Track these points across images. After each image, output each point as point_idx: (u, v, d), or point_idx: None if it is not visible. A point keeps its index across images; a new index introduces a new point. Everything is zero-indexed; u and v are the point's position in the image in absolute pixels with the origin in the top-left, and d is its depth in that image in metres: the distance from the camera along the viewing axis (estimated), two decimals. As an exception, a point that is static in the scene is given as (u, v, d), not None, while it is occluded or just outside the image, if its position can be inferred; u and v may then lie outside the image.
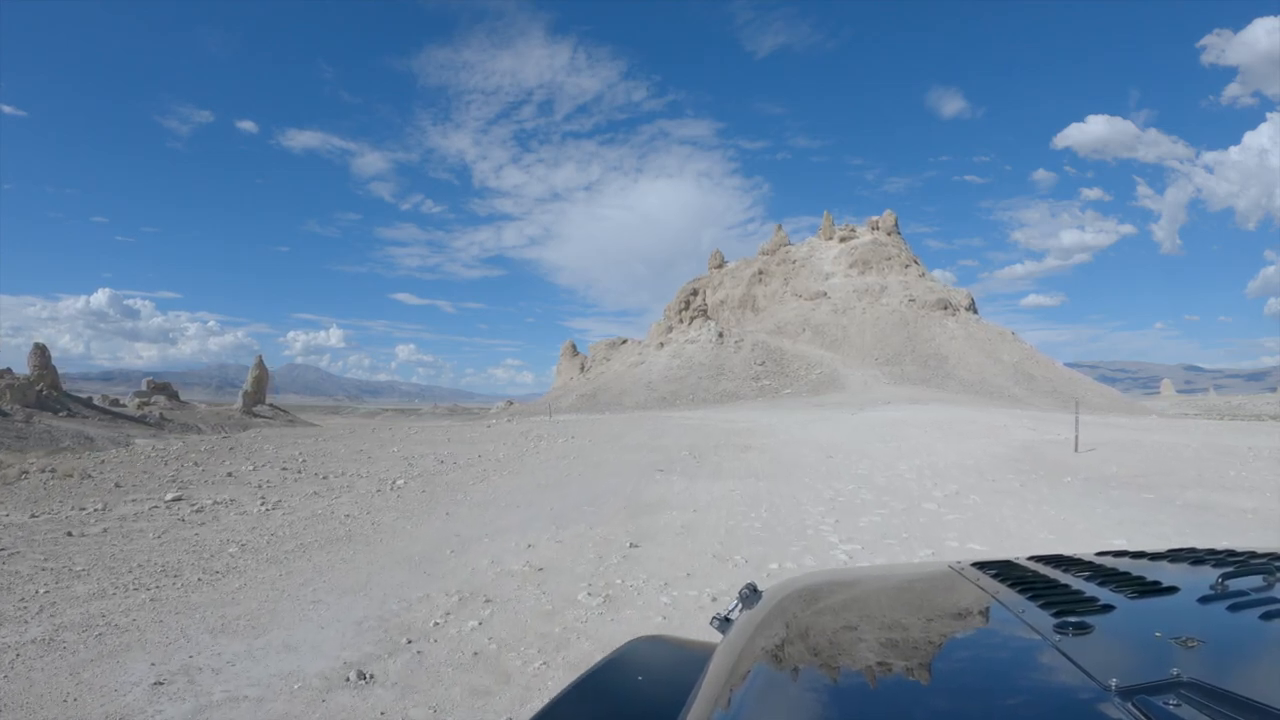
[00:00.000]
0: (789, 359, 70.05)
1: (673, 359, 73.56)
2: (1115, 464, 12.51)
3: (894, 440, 19.90)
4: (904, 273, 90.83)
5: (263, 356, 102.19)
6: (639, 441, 20.80)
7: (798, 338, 78.48)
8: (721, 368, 69.25)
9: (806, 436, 21.83)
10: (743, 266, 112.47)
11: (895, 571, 1.57)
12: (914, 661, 0.92)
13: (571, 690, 1.23)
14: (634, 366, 75.76)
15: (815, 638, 1.10)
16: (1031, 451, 16.00)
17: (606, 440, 21.55)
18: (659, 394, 66.08)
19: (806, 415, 35.39)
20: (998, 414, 31.91)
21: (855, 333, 76.77)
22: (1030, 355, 75.02)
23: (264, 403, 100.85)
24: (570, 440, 21.60)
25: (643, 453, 17.20)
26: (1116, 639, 0.83)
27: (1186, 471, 11.26)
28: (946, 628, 1.08)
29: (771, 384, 64.72)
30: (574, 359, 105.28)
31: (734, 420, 33.52)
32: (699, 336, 76.34)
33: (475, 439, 22.53)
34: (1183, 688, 0.66)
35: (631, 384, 70.48)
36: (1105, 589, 0.99)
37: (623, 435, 23.72)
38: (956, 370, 66.41)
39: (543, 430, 27.18)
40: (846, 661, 0.95)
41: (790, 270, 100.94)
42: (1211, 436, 17.69)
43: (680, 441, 20.10)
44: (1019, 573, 1.14)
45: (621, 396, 67.85)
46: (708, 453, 16.84)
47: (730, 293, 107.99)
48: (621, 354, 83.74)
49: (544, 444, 20.42)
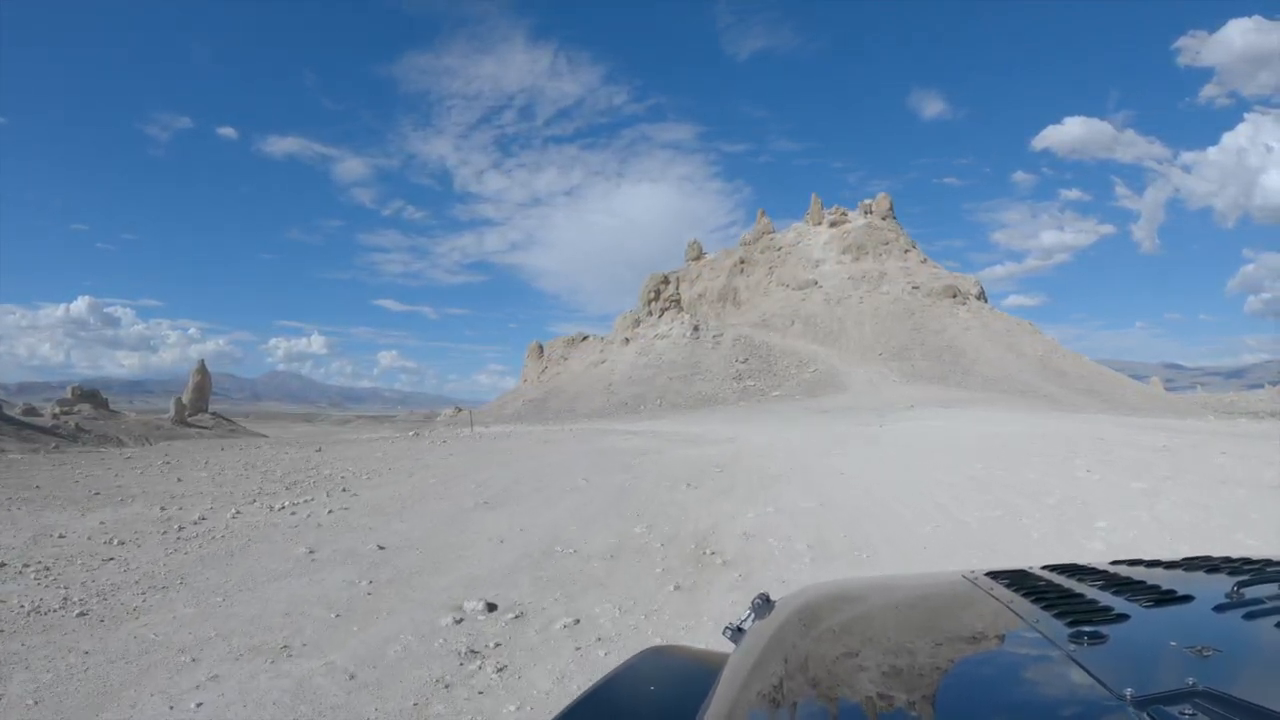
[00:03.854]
0: (777, 355, 58.97)
1: (639, 357, 62.15)
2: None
3: (1027, 491, 8.39)
4: (904, 258, 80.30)
5: (205, 361, 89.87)
6: (490, 493, 9.54)
7: (786, 331, 67.46)
8: (697, 366, 57.96)
9: (847, 485, 10.33)
10: (723, 257, 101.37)
11: (908, 581, 1.51)
12: (928, 671, 0.92)
13: (583, 701, 1.21)
14: (594, 366, 64.26)
15: (828, 647, 1.09)
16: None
17: (420, 497, 10.05)
18: (620, 398, 54.62)
19: (812, 428, 24.19)
20: (1074, 421, 20.95)
21: (853, 325, 65.91)
22: (1054, 348, 64.71)
23: (205, 411, 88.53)
24: (356, 489, 9.98)
25: (407, 554, 5.55)
26: (1132, 648, 0.82)
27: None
28: (960, 637, 1.08)
29: (757, 385, 53.51)
30: (539, 360, 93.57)
31: (708, 435, 22.22)
32: (670, 331, 65.03)
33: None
34: (1198, 697, 0.65)
35: (589, 386, 58.98)
36: (1120, 598, 0.97)
37: (477, 476, 12.06)
38: (975, 365, 55.76)
39: (383, 460, 15.45)
40: (860, 671, 0.94)
41: (775, 258, 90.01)
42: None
43: (575, 509, 8.57)
44: (1033, 582, 1.12)
45: (575, 402, 56.30)
46: (627, 563, 5.03)
47: (709, 285, 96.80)
48: (581, 352, 72.21)
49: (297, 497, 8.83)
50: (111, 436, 65.34)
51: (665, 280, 72.14)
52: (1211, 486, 8.37)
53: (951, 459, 13.31)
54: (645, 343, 65.02)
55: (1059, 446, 14.11)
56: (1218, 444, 12.22)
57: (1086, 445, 14.06)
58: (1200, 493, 8.08)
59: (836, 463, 13.61)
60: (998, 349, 59.67)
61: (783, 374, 55.53)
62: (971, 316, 66.32)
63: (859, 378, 52.50)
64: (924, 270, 77.48)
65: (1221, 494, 7.95)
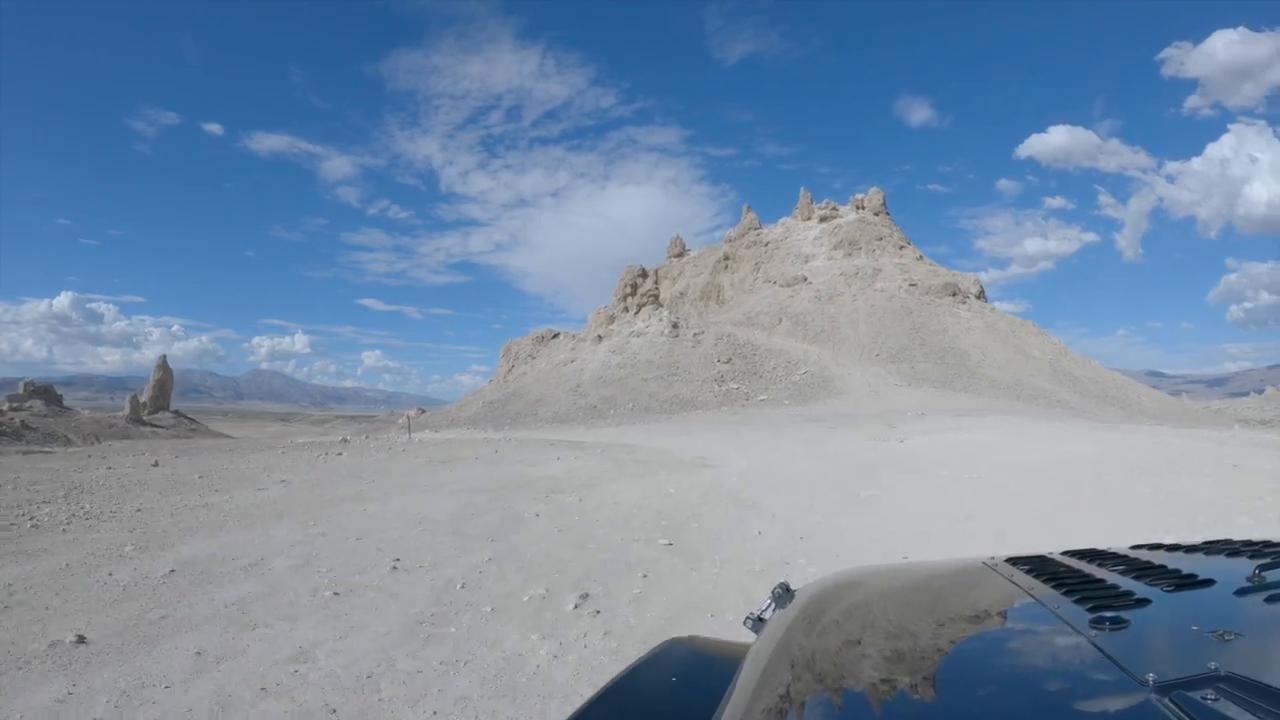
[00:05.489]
0: (763, 355, 53.33)
1: (612, 355, 56.24)
2: None
3: None
4: (899, 254, 75.10)
5: (167, 357, 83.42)
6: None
7: (773, 330, 61.87)
8: (675, 366, 52.16)
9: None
10: (707, 254, 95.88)
11: (929, 568, 1.49)
12: (949, 657, 0.92)
13: (607, 692, 1.20)
14: (563, 365, 58.20)
15: (849, 635, 1.08)
16: None
17: None
18: (588, 401, 48.70)
19: (811, 444, 18.48)
20: (1142, 436, 15.54)
21: (846, 323, 60.42)
22: (1063, 351, 59.67)
23: (167, 409, 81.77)
24: None
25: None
26: (1153, 633, 0.82)
27: None
28: (981, 624, 1.07)
29: (740, 387, 47.82)
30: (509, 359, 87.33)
31: (676, 452, 16.35)
32: (647, 328, 59.18)
33: None
34: (1220, 681, 0.65)
35: (554, 388, 52.94)
36: (1141, 583, 0.97)
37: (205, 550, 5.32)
38: (981, 368, 50.45)
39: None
40: (881, 658, 0.94)
41: (762, 254, 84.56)
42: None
43: None
44: (1054, 568, 1.12)
45: (538, 405, 50.28)
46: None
47: (691, 282, 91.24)
48: (550, 350, 66.09)
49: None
50: (59, 435, 59.82)
51: (643, 273, 66.27)
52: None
53: (1062, 502, 7.59)
54: (619, 340, 59.10)
55: (1201, 476, 8.48)
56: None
57: (1215, 468, 8.48)
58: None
59: (876, 515, 7.83)
60: (1005, 351, 54.45)
61: (770, 376, 49.90)
62: (973, 316, 61.12)
63: (856, 380, 46.95)
64: (921, 267, 72.31)
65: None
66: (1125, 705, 0.64)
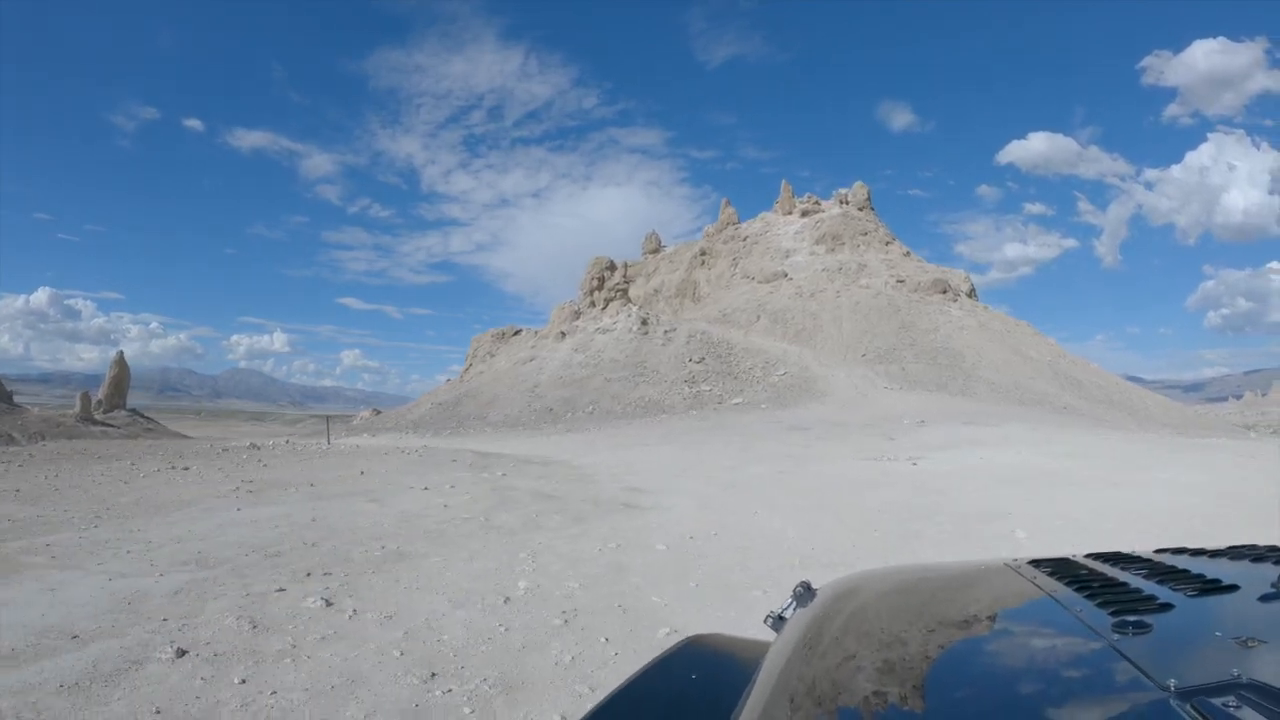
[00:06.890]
0: (739, 354, 48.56)
1: (575, 353, 51.13)
2: None
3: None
4: (885, 250, 70.88)
5: (124, 353, 76.33)
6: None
7: (750, 327, 57.16)
8: (642, 366, 47.20)
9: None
10: (683, 250, 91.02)
11: (951, 568, 1.46)
12: (970, 659, 0.92)
13: (626, 689, 1.19)
14: (521, 364, 52.93)
15: (870, 634, 1.07)
16: None
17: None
18: (544, 403, 43.53)
19: (798, 465, 13.58)
20: (1201, 452, 10.92)
21: (829, 321, 55.88)
22: (1061, 353, 55.74)
23: (123, 407, 74.85)
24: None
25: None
26: (1176, 638, 0.81)
27: None
28: (1003, 626, 1.06)
29: (713, 389, 42.96)
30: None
31: (623, 476, 11.04)
32: (615, 324, 54.14)
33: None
34: (1243, 689, 0.63)
35: (510, 388, 47.71)
36: (1164, 587, 0.95)
37: None
38: (978, 370, 46.14)
39: None
40: (901, 659, 0.93)
41: (740, 249, 79.87)
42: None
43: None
44: (1076, 571, 1.10)
45: (489, 407, 45.01)
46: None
47: (666, 279, 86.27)
48: (511, 348, 60.67)
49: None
50: (2, 433, 53.76)
51: (611, 266, 61.11)
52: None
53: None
54: (584, 338, 53.97)
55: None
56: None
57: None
58: None
59: None
60: (1002, 352, 50.25)
61: (745, 377, 45.11)
62: (966, 315, 56.92)
63: (840, 382, 42.31)
64: (908, 263, 68.12)
65: None
66: (1146, 710, 0.63)
